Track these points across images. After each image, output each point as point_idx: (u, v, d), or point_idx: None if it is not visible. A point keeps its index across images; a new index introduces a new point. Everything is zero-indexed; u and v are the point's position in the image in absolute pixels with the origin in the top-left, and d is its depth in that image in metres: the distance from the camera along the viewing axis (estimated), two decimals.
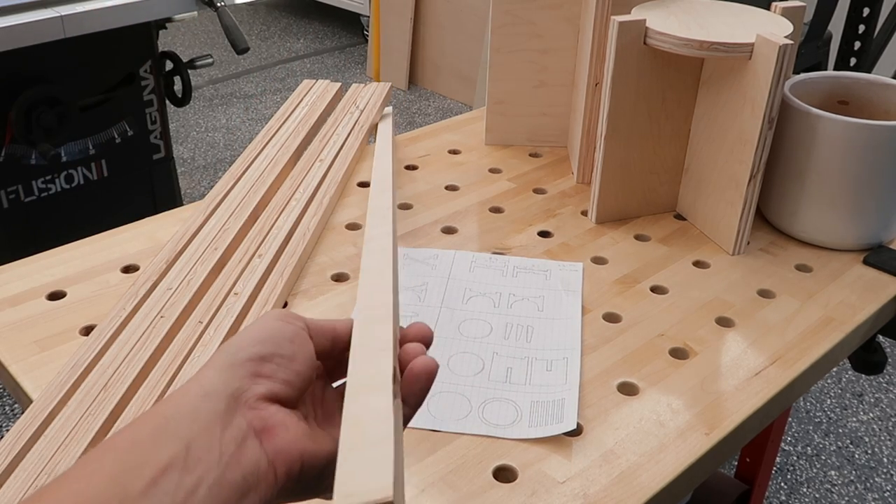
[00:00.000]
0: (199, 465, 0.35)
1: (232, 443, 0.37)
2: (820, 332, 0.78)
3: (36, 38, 1.39)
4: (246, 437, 0.37)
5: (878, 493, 1.69)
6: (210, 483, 0.35)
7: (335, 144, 1.05)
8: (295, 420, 0.39)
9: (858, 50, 1.87)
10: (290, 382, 0.40)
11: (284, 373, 0.40)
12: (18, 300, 0.78)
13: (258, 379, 0.39)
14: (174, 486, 0.34)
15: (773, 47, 0.77)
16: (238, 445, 0.37)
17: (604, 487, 0.60)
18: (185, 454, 0.36)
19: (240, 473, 0.36)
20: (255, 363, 0.40)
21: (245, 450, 0.37)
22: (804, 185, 0.88)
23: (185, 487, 0.35)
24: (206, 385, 0.38)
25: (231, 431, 0.37)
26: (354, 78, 3.70)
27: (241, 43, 1.65)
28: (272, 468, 0.38)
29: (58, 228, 1.64)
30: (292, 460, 0.38)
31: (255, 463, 0.37)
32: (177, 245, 0.84)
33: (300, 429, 0.39)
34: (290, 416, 0.39)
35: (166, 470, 0.35)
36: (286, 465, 0.38)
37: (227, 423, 0.37)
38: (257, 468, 0.37)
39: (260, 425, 0.38)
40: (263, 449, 0.38)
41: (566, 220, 0.95)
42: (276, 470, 0.38)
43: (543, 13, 1.03)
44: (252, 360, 0.40)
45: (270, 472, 0.38)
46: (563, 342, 0.75)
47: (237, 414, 0.38)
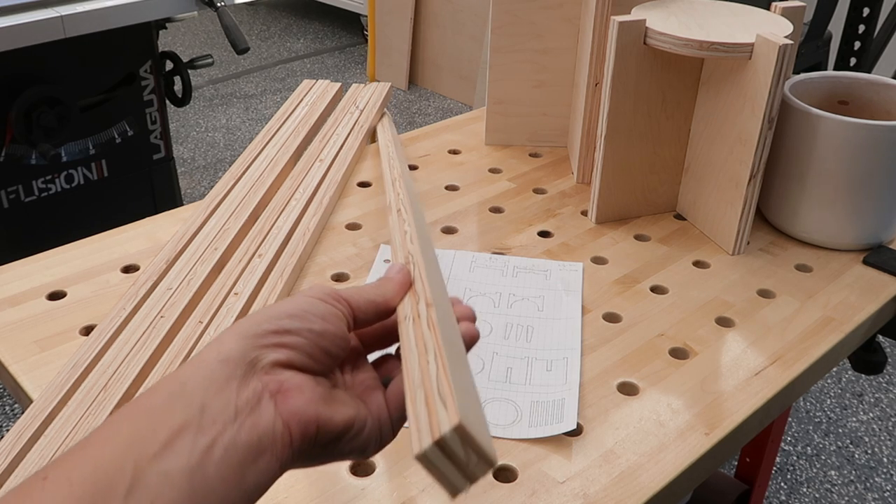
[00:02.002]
0: (214, 426, 0.36)
1: (247, 405, 0.37)
2: (820, 332, 0.78)
3: (36, 38, 1.39)
4: (261, 399, 0.37)
5: (878, 493, 1.69)
6: (225, 443, 0.35)
7: (335, 144, 1.05)
8: (311, 384, 0.39)
9: (858, 50, 1.87)
10: (312, 356, 0.40)
11: (309, 347, 0.40)
12: (18, 300, 0.78)
13: (279, 348, 0.39)
14: (189, 446, 0.35)
15: (773, 47, 0.77)
16: (253, 407, 0.37)
17: (604, 487, 0.60)
18: (200, 416, 0.36)
19: (255, 434, 0.36)
20: (278, 335, 0.39)
21: (260, 411, 0.37)
22: (804, 185, 0.88)
23: (200, 447, 0.35)
24: (224, 351, 0.38)
25: (246, 394, 0.37)
26: (354, 78, 3.70)
27: (241, 43, 1.65)
28: (287, 430, 0.38)
29: (58, 228, 1.64)
30: (307, 422, 0.38)
31: (270, 424, 0.37)
32: (177, 245, 0.84)
33: (316, 393, 0.39)
34: (306, 381, 0.39)
35: (181, 431, 0.35)
36: (301, 428, 0.38)
37: (242, 387, 0.37)
38: (272, 429, 0.37)
39: (275, 388, 0.38)
40: (278, 411, 0.37)
41: (566, 220, 0.95)
42: (292, 432, 0.38)
43: (543, 13, 1.03)
44: (277, 331, 0.39)
45: (286, 433, 0.37)
46: (563, 342, 0.75)
47: (253, 378, 0.38)
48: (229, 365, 0.38)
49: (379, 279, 0.46)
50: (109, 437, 0.35)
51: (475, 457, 0.36)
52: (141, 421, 0.36)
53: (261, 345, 0.39)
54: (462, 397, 0.37)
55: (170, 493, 0.33)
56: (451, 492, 0.36)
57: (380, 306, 0.44)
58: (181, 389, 0.37)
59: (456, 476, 0.36)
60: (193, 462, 0.34)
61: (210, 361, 0.38)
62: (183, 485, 0.34)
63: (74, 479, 0.33)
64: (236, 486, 0.35)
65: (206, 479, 0.34)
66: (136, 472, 0.33)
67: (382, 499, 0.59)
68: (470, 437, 0.35)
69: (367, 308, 0.44)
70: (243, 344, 0.39)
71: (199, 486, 0.34)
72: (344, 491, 0.59)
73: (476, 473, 0.36)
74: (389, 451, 0.63)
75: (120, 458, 0.34)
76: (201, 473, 0.34)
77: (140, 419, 0.36)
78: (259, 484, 0.37)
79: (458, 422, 0.35)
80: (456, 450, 0.35)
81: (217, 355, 0.38)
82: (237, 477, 0.35)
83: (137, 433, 0.35)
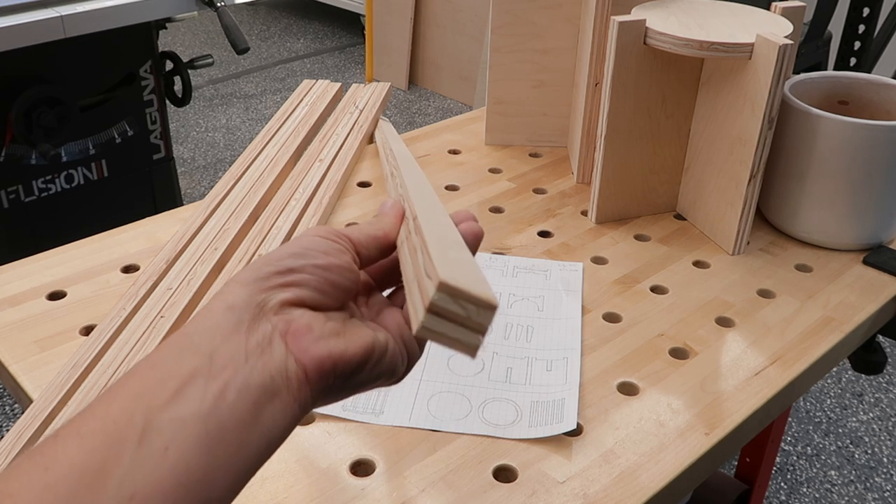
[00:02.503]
0: (225, 370, 0.35)
1: (257, 347, 0.36)
2: (820, 332, 0.78)
3: (36, 38, 1.39)
4: (271, 340, 0.37)
5: (877, 493, 1.69)
6: (238, 386, 0.35)
7: (335, 144, 1.05)
8: (322, 321, 0.38)
9: (858, 50, 1.87)
10: (321, 290, 0.39)
11: (315, 281, 0.39)
12: (18, 300, 0.78)
13: (285, 288, 0.38)
14: (200, 392, 0.34)
15: (773, 47, 0.77)
16: (263, 349, 0.36)
17: (604, 487, 0.60)
18: (209, 363, 0.35)
19: (267, 374, 0.36)
20: (282, 275, 0.39)
21: (271, 351, 0.36)
22: (804, 185, 0.88)
23: (211, 392, 0.34)
24: (229, 299, 0.38)
25: (255, 337, 0.37)
26: (354, 78, 3.70)
27: (241, 43, 1.65)
28: (302, 368, 0.37)
29: (58, 228, 1.64)
30: (321, 359, 0.37)
31: (282, 363, 0.36)
32: (177, 245, 0.84)
33: (328, 329, 0.38)
34: (316, 318, 0.38)
35: (190, 379, 0.35)
36: (316, 365, 0.37)
37: (251, 331, 0.37)
38: (285, 368, 0.36)
39: (285, 328, 0.37)
40: (289, 350, 0.37)
41: (566, 220, 0.95)
42: (307, 370, 0.37)
43: (543, 13, 1.03)
44: (280, 272, 0.39)
45: (301, 372, 0.37)
46: (563, 342, 0.75)
47: (262, 321, 0.37)
48: (236, 311, 0.37)
49: (374, 216, 0.46)
50: (117, 393, 0.35)
51: (473, 307, 0.36)
52: (148, 374, 0.35)
53: (266, 287, 0.38)
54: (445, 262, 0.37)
55: (184, 438, 0.33)
56: (468, 351, 0.36)
57: (380, 240, 0.44)
58: (188, 341, 0.36)
59: (464, 333, 0.36)
60: (206, 406, 0.34)
61: (216, 311, 0.37)
62: (197, 429, 0.33)
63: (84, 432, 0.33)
64: (252, 427, 0.35)
65: (220, 422, 0.34)
66: (148, 421, 0.33)
67: (382, 499, 0.59)
68: (458, 291, 0.35)
69: (368, 243, 0.43)
70: (248, 289, 0.38)
71: (213, 430, 0.34)
72: (344, 491, 0.59)
73: (482, 322, 0.36)
74: (389, 451, 0.63)
75: (129, 409, 0.34)
76: (215, 417, 0.34)
77: (148, 373, 0.35)
78: (277, 425, 0.36)
79: (439, 280, 0.35)
80: (450, 307, 0.35)
81: (223, 304, 0.38)
82: (253, 418, 0.35)
83: (146, 386, 0.35)
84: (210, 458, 0.33)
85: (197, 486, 0.33)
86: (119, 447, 0.32)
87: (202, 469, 0.33)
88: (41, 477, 0.32)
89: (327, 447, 0.63)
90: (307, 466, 0.61)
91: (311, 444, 0.63)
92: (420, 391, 0.69)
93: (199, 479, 0.33)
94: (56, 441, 0.33)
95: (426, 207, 0.45)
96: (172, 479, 0.32)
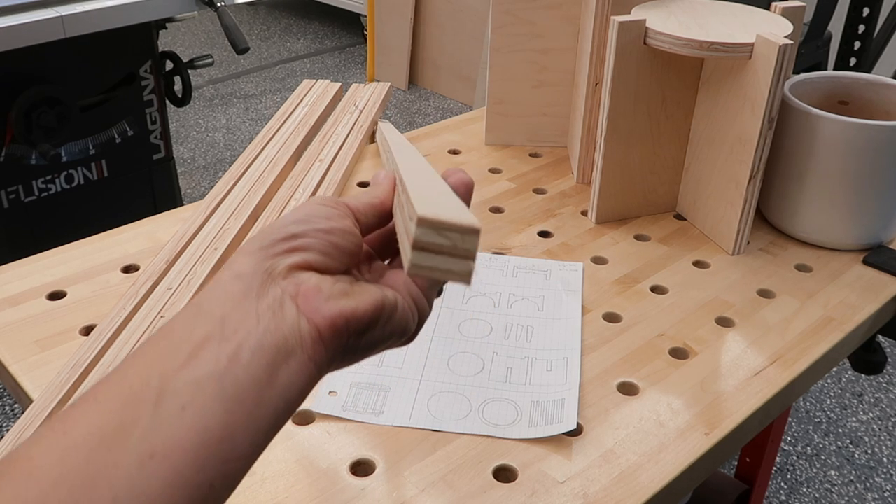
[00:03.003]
0: (237, 333, 0.35)
1: (268, 310, 0.36)
2: (820, 332, 0.78)
3: (36, 38, 1.39)
4: (282, 302, 0.37)
5: (877, 493, 1.69)
6: (252, 347, 0.35)
7: (335, 144, 1.05)
8: (330, 283, 0.39)
9: (858, 50, 1.87)
10: (326, 253, 0.39)
11: (320, 245, 0.39)
12: (18, 300, 0.78)
13: (291, 253, 0.39)
14: (214, 355, 0.34)
15: (773, 47, 0.77)
16: (274, 311, 0.37)
17: (604, 487, 0.60)
18: (222, 327, 0.35)
19: (280, 335, 0.36)
20: (287, 241, 0.39)
21: (283, 313, 0.37)
22: (804, 185, 0.88)
23: (225, 354, 0.35)
24: (236, 268, 0.38)
25: (266, 301, 0.37)
26: (354, 78, 3.70)
27: (241, 43, 1.65)
28: (314, 328, 0.37)
29: (58, 228, 1.64)
30: (333, 317, 0.37)
31: (294, 324, 0.37)
32: (177, 245, 0.84)
33: (337, 289, 0.38)
34: (324, 280, 0.38)
35: (204, 343, 0.35)
36: (329, 324, 0.37)
37: (261, 296, 0.37)
38: (298, 329, 0.37)
39: (294, 290, 0.38)
40: (301, 311, 0.37)
41: (566, 220, 0.95)
42: (321, 330, 0.37)
43: (543, 13, 1.03)
44: (284, 238, 0.39)
45: (314, 331, 0.37)
46: (563, 342, 0.75)
47: (271, 286, 0.37)
48: (244, 279, 0.37)
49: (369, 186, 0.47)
50: (132, 362, 0.35)
51: (456, 234, 0.36)
52: (162, 343, 0.35)
53: (273, 254, 0.38)
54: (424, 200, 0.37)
55: (202, 398, 0.33)
56: (462, 280, 0.37)
57: (377, 207, 0.44)
58: (199, 310, 0.37)
59: (454, 263, 0.37)
60: (221, 368, 0.34)
61: (224, 281, 0.38)
62: (214, 389, 0.34)
63: (101, 398, 0.33)
64: (269, 386, 0.35)
65: (236, 381, 0.34)
66: (164, 383, 0.33)
67: (382, 499, 0.59)
68: (438, 222, 0.36)
69: (366, 210, 0.43)
70: (255, 258, 0.38)
71: (230, 389, 0.34)
72: (344, 491, 0.59)
73: (468, 248, 0.36)
74: (389, 451, 0.63)
75: (145, 374, 0.34)
76: (231, 377, 0.34)
77: (161, 342, 0.36)
78: (294, 384, 0.36)
79: (417, 216, 0.36)
80: (434, 240, 0.36)
81: (231, 274, 0.38)
82: (268, 378, 0.35)
83: (160, 353, 0.35)
84: (228, 417, 0.34)
85: (217, 445, 0.33)
86: (137, 409, 0.33)
87: (221, 427, 0.33)
88: (60, 440, 0.32)
89: (327, 447, 0.63)
90: (307, 466, 0.61)
91: (311, 444, 0.63)
92: (420, 391, 0.69)
93: (219, 437, 0.33)
94: (74, 409, 0.33)
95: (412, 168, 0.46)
96: (192, 438, 0.33)
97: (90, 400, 0.34)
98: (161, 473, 0.32)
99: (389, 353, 0.72)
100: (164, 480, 0.32)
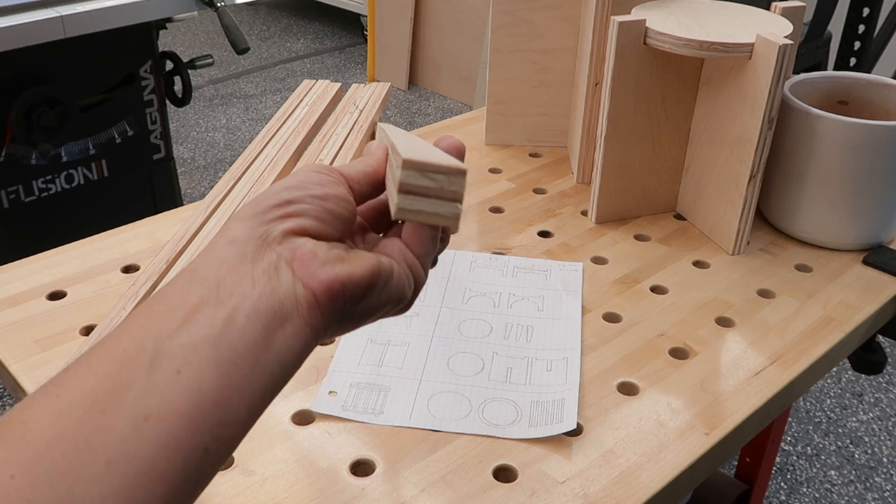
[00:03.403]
0: (232, 297, 0.35)
1: (263, 274, 0.36)
2: (820, 332, 0.78)
3: (36, 38, 1.39)
4: (277, 267, 0.37)
5: (877, 493, 1.69)
6: (247, 311, 0.35)
7: (335, 144, 1.05)
8: (326, 248, 0.38)
9: (858, 50, 1.87)
10: (321, 219, 0.39)
11: (315, 210, 0.39)
12: (18, 300, 0.78)
13: (285, 219, 0.39)
14: (209, 318, 0.34)
15: (773, 47, 0.77)
16: (270, 276, 0.36)
17: (604, 487, 0.60)
18: (217, 291, 0.35)
19: (276, 300, 0.36)
20: (281, 207, 0.39)
21: (278, 278, 0.36)
22: (804, 185, 0.88)
23: (220, 317, 0.34)
24: (230, 234, 0.38)
25: (261, 265, 0.37)
26: (354, 78, 3.71)
27: (241, 43, 1.65)
28: (310, 292, 0.37)
29: (58, 228, 1.64)
30: (329, 282, 0.37)
31: (290, 288, 0.36)
32: (177, 245, 0.84)
33: (332, 255, 0.38)
34: (320, 245, 0.38)
35: (198, 307, 0.35)
36: (325, 288, 0.37)
37: (256, 260, 0.37)
38: (294, 293, 0.36)
39: (290, 255, 0.37)
40: (297, 276, 0.37)
41: (566, 220, 0.95)
42: (317, 294, 0.37)
43: (543, 13, 1.03)
44: (279, 204, 0.39)
45: (310, 295, 0.37)
46: (563, 342, 0.75)
47: (267, 251, 0.37)
48: (239, 244, 0.37)
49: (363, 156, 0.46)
50: (126, 327, 0.35)
51: (443, 176, 0.36)
52: (156, 308, 0.35)
53: (267, 220, 0.38)
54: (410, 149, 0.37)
55: (196, 362, 0.33)
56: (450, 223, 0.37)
57: (370, 175, 0.44)
58: (193, 275, 0.36)
59: (440, 205, 0.37)
60: (216, 331, 0.34)
61: (219, 246, 0.38)
62: (208, 352, 0.33)
63: (95, 362, 0.33)
64: (265, 350, 0.35)
65: (231, 345, 0.34)
66: (158, 347, 0.33)
67: (382, 499, 0.59)
68: (424, 164, 0.36)
69: (360, 178, 0.43)
70: (249, 223, 0.38)
71: (225, 353, 0.34)
72: (344, 491, 0.60)
73: (455, 190, 0.37)
74: (389, 451, 0.63)
75: (139, 338, 0.34)
76: (226, 340, 0.34)
77: (155, 307, 0.35)
78: (290, 348, 0.36)
79: (402, 159, 0.36)
80: (420, 182, 0.36)
81: (225, 240, 0.38)
82: (264, 342, 0.35)
83: (154, 317, 0.35)
84: (223, 380, 0.33)
85: (212, 408, 0.33)
86: (131, 372, 0.32)
87: (216, 390, 0.33)
88: (54, 403, 0.32)
89: (327, 447, 0.63)
90: (307, 466, 0.61)
91: (311, 444, 0.63)
92: (420, 391, 0.69)
93: (214, 400, 0.33)
94: (67, 372, 0.33)
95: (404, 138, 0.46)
96: (187, 400, 0.32)
97: (83, 364, 0.33)
98: (155, 436, 0.31)
99: (390, 353, 0.73)
100: (158, 443, 0.31)
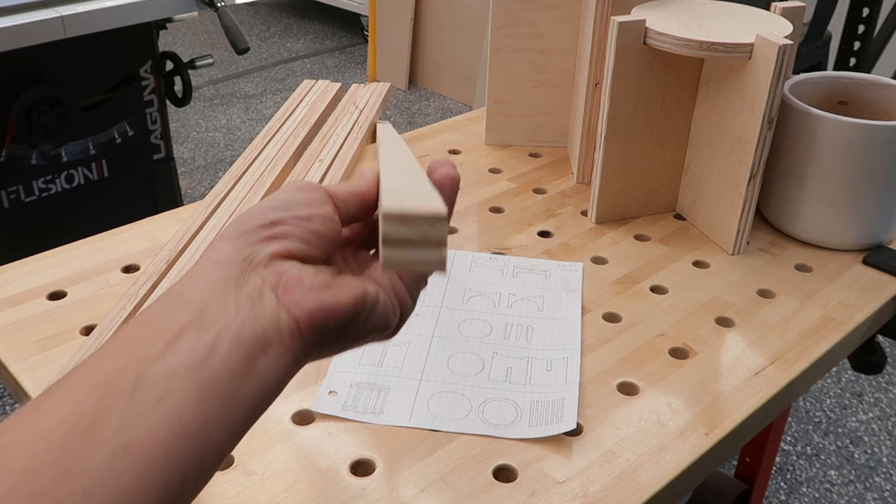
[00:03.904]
0: (216, 323, 0.35)
1: (248, 300, 0.36)
2: (819, 332, 0.78)
3: (36, 38, 1.39)
4: (262, 292, 0.37)
5: (877, 493, 1.69)
6: (230, 338, 0.35)
7: (335, 144, 1.05)
8: (311, 273, 0.38)
9: (858, 50, 1.87)
10: (307, 241, 0.39)
11: (300, 232, 0.39)
12: (18, 300, 0.78)
13: (271, 241, 0.38)
14: (192, 345, 0.34)
15: (773, 47, 0.77)
16: (254, 301, 0.36)
17: (604, 487, 0.60)
18: (201, 316, 0.35)
19: (259, 326, 0.36)
20: (267, 228, 0.39)
21: (262, 304, 0.36)
22: (804, 185, 0.88)
23: (203, 344, 0.34)
24: (216, 256, 0.38)
25: (246, 290, 0.36)
26: (354, 78, 3.71)
27: (241, 43, 1.65)
28: (293, 320, 0.37)
29: (58, 228, 1.64)
30: (313, 310, 0.37)
31: (273, 315, 0.36)
32: (177, 245, 0.84)
33: (317, 280, 0.38)
34: (306, 270, 0.38)
35: (182, 332, 0.34)
36: (308, 316, 0.37)
37: (241, 284, 0.36)
38: (277, 320, 0.36)
39: (275, 281, 0.37)
40: (281, 302, 0.37)
41: (566, 220, 0.95)
42: (300, 322, 0.37)
43: (543, 13, 1.03)
44: (265, 225, 0.39)
45: (293, 323, 0.37)
46: (563, 342, 0.75)
47: (251, 275, 0.37)
48: (223, 267, 0.37)
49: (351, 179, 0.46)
50: (108, 349, 0.35)
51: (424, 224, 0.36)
52: (139, 330, 0.35)
53: (253, 241, 0.38)
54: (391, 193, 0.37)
55: (177, 389, 0.33)
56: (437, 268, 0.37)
57: (358, 196, 0.43)
58: (178, 298, 0.36)
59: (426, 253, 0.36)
60: (198, 358, 0.34)
61: (204, 268, 0.37)
62: (190, 380, 0.33)
63: (76, 387, 0.33)
64: (246, 378, 0.35)
65: (213, 373, 0.34)
66: (140, 372, 0.33)
67: (382, 499, 0.59)
68: (403, 215, 0.36)
69: (346, 197, 0.43)
70: (235, 244, 0.38)
71: (206, 381, 0.34)
72: (344, 491, 0.60)
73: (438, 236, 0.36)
74: (389, 451, 0.63)
75: (121, 362, 0.33)
76: (208, 368, 0.34)
77: (138, 329, 0.35)
78: (271, 377, 0.36)
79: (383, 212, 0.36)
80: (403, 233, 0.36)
81: (210, 261, 0.38)
82: (246, 370, 0.35)
83: (137, 341, 0.34)
84: (204, 408, 0.33)
85: (192, 437, 0.33)
86: (111, 399, 0.32)
87: (196, 419, 0.33)
88: (33, 428, 0.32)
89: (327, 447, 0.63)
90: (307, 466, 0.61)
91: (311, 444, 0.63)
92: (420, 391, 0.69)
93: (194, 429, 0.33)
94: (47, 396, 0.33)
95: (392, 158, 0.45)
96: (167, 430, 0.32)
97: (65, 387, 0.33)
98: (134, 465, 0.31)
99: (390, 353, 0.73)
100: (136, 473, 0.31)
